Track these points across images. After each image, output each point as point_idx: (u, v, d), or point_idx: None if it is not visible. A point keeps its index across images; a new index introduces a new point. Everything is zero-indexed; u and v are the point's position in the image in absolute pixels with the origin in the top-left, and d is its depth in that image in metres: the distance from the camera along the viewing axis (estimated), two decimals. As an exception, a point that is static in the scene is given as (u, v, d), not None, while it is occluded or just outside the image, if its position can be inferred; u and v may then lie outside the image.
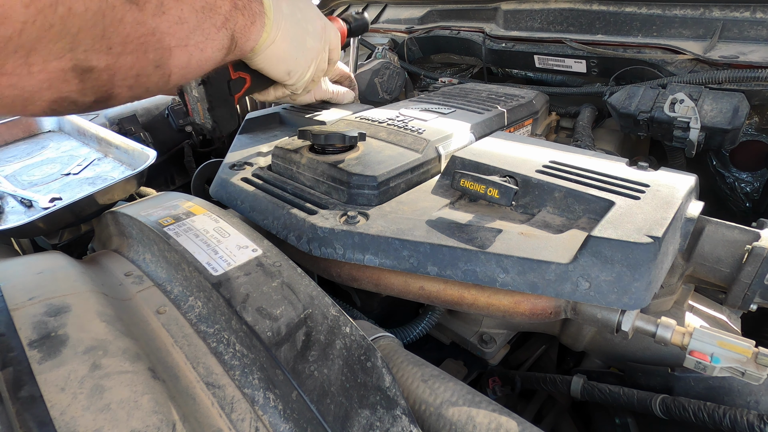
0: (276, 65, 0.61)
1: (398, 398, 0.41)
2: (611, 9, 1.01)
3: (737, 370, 0.44)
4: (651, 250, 0.45)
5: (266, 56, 0.58)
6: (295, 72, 0.65)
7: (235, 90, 0.62)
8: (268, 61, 0.59)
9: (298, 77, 0.66)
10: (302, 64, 0.65)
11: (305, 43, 0.63)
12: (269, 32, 0.55)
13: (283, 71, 0.63)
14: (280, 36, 0.57)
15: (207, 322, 0.48)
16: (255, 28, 0.53)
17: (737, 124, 0.77)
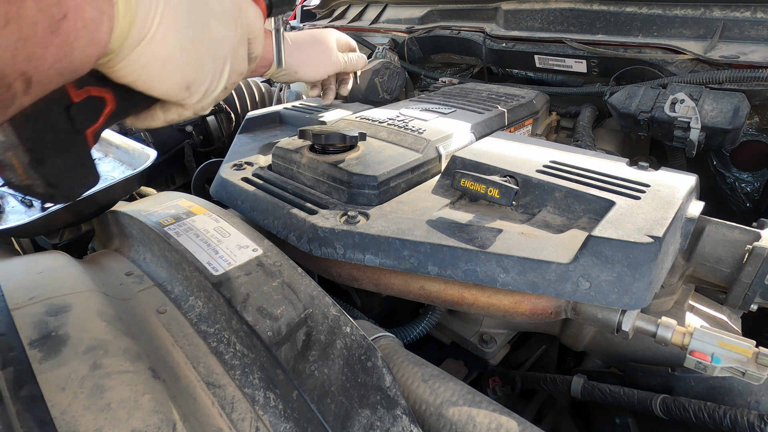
0: (161, 76, 0.34)
1: (398, 398, 0.41)
2: (612, 9, 1.01)
3: (738, 370, 0.44)
4: (651, 250, 0.45)
5: (138, 61, 0.32)
6: (199, 83, 0.37)
7: (85, 121, 0.36)
8: (143, 71, 0.33)
9: (205, 91, 0.39)
10: (208, 67, 0.38)
11: (209, 30, 0.37)
12: (132, 16, 0.29)
13: (176, 85, 0.36)
14: (162, 23, 0.32)
15: (207, 322, 0.48)
16: (92, 11, 0.27)
17: (738, 124, 0.77)
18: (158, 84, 0.35)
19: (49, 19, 0.23)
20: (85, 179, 0.37)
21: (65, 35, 0.25)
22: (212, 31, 0.37)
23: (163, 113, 0.42)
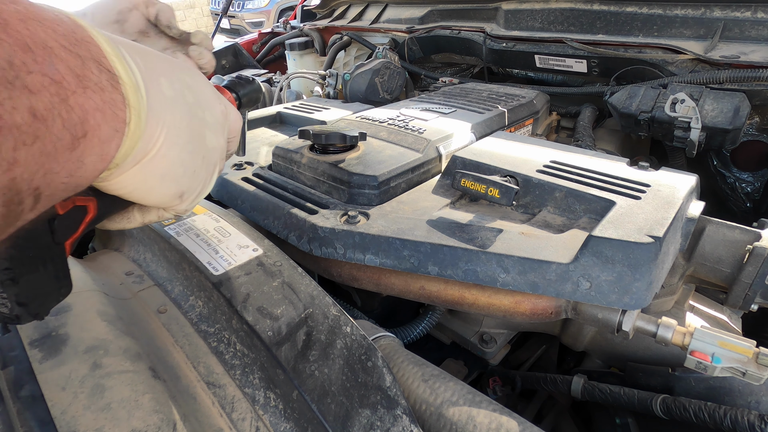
0: (157, 189, 0.34)
1: (399, 398, 0.41)
2: (612, 9, 1.01)
3: (738, 371, 0.44)
4: (652, 250, 0.45)
5: (136, 176, 0.32)
6: (191, 192, 0.37)
7: (66, 232, 0.33)
8: (140, 184, 0.33)
9: (195, 197, 0.39)
10: (202, 176, 0.38)
11: (204, 142, 0.37)
12: (139, 134, 0.29)
13: (170, 195, 0.35)
14: (165, 140, 0.32)
15: (208, 322, 0.48)
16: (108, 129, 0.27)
17: (738, 124, 0.77)
18: (153, 196, 0.34)
19: (71, 137, 0.23)
20: (56, 293, 0.33)
21: (81, 152, 0.25)
22: (207, 142, 0.38)
23: (141, 215, 0.40)
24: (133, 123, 0.28)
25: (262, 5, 6.69)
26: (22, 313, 0.31)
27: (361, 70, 1.12)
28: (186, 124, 0.34)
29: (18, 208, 0.22)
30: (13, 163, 0.20)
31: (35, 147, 0.21)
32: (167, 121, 0.32)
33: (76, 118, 0.23)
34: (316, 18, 1.78)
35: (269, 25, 6.39)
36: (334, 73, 1.21)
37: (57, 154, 0.23)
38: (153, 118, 0.30)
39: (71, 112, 0.23)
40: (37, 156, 0.22)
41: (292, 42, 1.61)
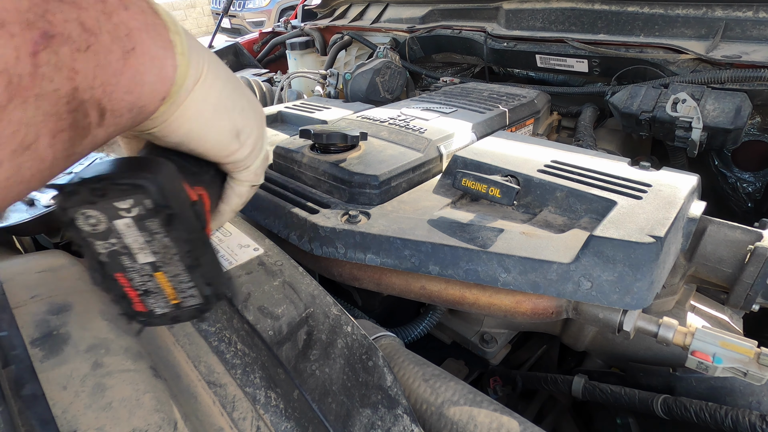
0: (212, 122, 0.34)
1: (400, 397, 0.41)
2: (613, 8, 1.01)
3: (739, 371, 0.44)
4: (653, 249, 0.45)
5: (192, 107, 0.32)
6: (248, 131, 0.37)
7: (203, 219, 0.35)
8: (196, 118, 0.32)
9: (254, 139, 0.38)
10: (252, 117, 0.37)
11: (243, 88, 0.37)
12: (187, 59, 0.30)
13: (226, 131, 0.35)
14: (209, 69, 0.32)
15: (208, 321, 0.48)
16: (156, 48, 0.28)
17: (739, 124, 0.76)
18: (211, 132, 0.34)
19: (121, 50, 0.25)
20: (224, 274, 0.36)
21: (135, 67, 0.26)
22: (246, 90, 0.38)
23: (227, 205, 0.41)
24: (178, 46, 0.29)
25: (263, 5, 6.69)
26: (210, 294, 0.33)
27: (362, 70, 1.12)
28: (219, 64, 0.34)
29: (85, 121, 0.24)
30: (73, 71, 0.22)
31: (89, 56, 0.23)
32: (204, 54, 0.32)
33: (122, 33, 0.25)
34: (316, 17, 1.78)
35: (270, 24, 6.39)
36: (335, 73, 1.21)
37: (110, 66, 0.24)
38: (192, 47, 0.31)
39: (117, 28, 0.25)
40: (93, 66, 0.23)
41: (293, 41, 1.61)
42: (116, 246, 0.30)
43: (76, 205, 0.28)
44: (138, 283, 0.32)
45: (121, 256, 0.30)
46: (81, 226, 0.29)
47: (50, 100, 0.22)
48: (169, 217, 0.29)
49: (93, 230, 0.29)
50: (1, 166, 0.21)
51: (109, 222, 0.29)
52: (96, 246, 0.30)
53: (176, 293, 0.33)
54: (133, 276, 0.32)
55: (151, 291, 0.32)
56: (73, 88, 0.23)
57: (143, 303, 0.33)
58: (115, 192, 0.28)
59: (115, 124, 0.27)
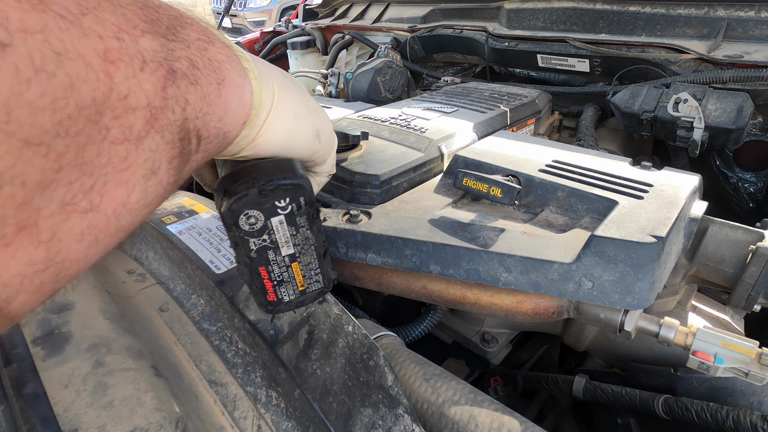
0: (297, 128, 0.37)
1: (400, 397, 0.41)
2: (615, 8, 1.01)
3: (741, 371, 0.44)
4: (654, 249, 0.45)
5: (276, 121, 0.35)
6: (323, 128, 0.41)
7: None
8: (283, 129, 0.35)
9: (328, 136, 0.42)
10: (323, 116, 0.41)
11: (305, 91, 0.41)
12: (259, 82, 0.33)
13: (309, 134, 0.38)
14: (278, 86, 0.35)
15: (210, 320, 0.48)
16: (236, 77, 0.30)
17: (741, 124, 0.76)
18: (298, 137, 0.37)
19: (216, 82, 0.28)
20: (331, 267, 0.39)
21: (225, 97, 0.29)
22: (308, 94, 0.41)
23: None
24: (251, 72, 0.32)
25: (264, 4, 6.68)
26: (332, 278, 0.38)
27: (363, 69, 1.12)
28: (285, 76, 0.38)
29: (189, 147, 0.27)
30: (186, 103, 0.25)
31: (198, 90, 0.26)
32: (271, 72, 0.35)
33: (215, 66, 0.28)
34: (317, 17, 1.78)
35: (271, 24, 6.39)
36: (336, 72, 1.21)
37: (209, 97, 0.27)
38: (262, 71, 0.34)
39: (212, 62, 0.28)
40: (199, 98, 0.26)
41: (294, 41, 1.61)
42: (266, 241, 0.33)
43: (245, 207, 0.31)
44: (276, 274, 0.35)
45: (269, 251, 0.34)
46: (242, 226, 0.31)
47: (171, 129, 0.25)
48: (316, 212, 0.34)
49: (251, 229, 0.32)
50: (134, 191, 0.24)
51: (266, 220, 0.32)
52: (250, 243, 0.32)
53: (305, 280, 0.37)
54: (274, 268, 0.35)
55: (284, 281, 0.36)
56: (185, 118, 0.25)
57: (275, 292, 0.36)
58: (279, 192, 0.31)
59: (207, 150, 0.29)
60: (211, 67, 0.28)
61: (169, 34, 0.25)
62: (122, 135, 0.22)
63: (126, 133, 0.22)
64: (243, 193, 0.30)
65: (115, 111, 0.21)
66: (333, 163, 0.45)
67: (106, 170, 0.22)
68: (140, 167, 0.23)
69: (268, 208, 0.31)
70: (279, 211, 0.32)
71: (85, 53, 0.20)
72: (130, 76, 0.22)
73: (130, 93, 0.22)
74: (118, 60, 0.21)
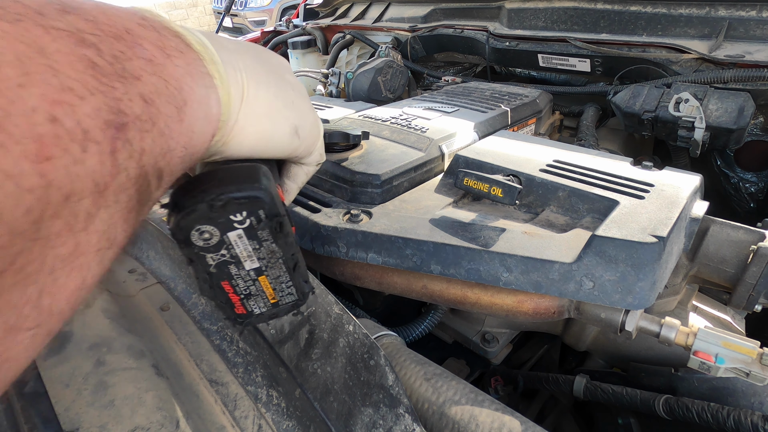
0: (272, 127, 0.34)
1: (401, 396, 0.41)
2: (616, 8, 1.00)
3: (742, 371, 0.44)
4: (655, 249, 0.45)
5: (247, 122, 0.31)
6: (304, 124, 0.37)
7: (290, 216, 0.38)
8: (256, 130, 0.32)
9: (309, 129, 0.38)
10: (303, 107, 0.38)
11: (286, 77, 0.37)
12: (226, 83, 0.29)
13: (286, 132, 0.35)
14: (249, 82, 0.32)
15: (210, 320, 0.48)
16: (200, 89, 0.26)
17: (742, 124, 0.76)
18: (274, 138, 0.34)
19: (177, 110, 0.23)
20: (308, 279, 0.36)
21: (189, 122, 0.24)
22: (288, 78, 0.37)
23: (292, 182, 0.42)
24: (216, 75, 0.28)
25: (265, 4, 6.69)
26: (306, 291, 0.35)
27: (363, 69, 1.12)
28: (259, 64, 0.33)
29: (147, 191, 0.23)
30: (142, 153, 0.21)
31: (155, 131, 0.22)
32: (240, 64, 0.31)
33: (174, 89, 0.23)
34: (318, 16, 1.78)
35: (272, 23, 6.39)
36: (337, 72, 1.21)
37: (171, 131, 0.23)
38: (227, 65, 0.29)
39: (169, 86, 0.23)
40: (158, 139, 0.22)
41: (295, 41, 1.61)
42: (226, 256, 0.30)
43: (194, 224, 0.28)
44: (242, 288, 0.32)
45: (230, 266, 0.31)
46: (195, 242, 0.29)
47: (125, 191, 0.20)
48: (279, 225, 0.30)
49: (205, 244, 0.29)
50: (90, 271, 0.20)
51: (222, 235, 0.29)
52: (207, 259, 0.30)
53: (275, 293, 0.34)
54: (238, 282, 0.32)
55: (253, 294, 0.33)
56: (141, 169, 0.21)
57: (244, 306, 0.34)
58: (232, 206, 0.28)
59: (171, 180, 0.25)
60: (169, 92, 0.23)
61: (114, 75, 0.19)
62: (67, 229, 0.18)
63: (71, 224, 0.18)
64: (191, 209, 0.27)
65: (55, 210, 0.17)
66: (321, 152, 0.42)
67: (53, 272, 0.18)
68: (93, 247, 0.20)
69: (223, 223, 0.28)
70: (236, 225, 0.29)
71: (11, 170, 0.15)
72: (70, 164, 0.17)
73: (72, 184, 0.17)
74: (54, 152, 0.16)
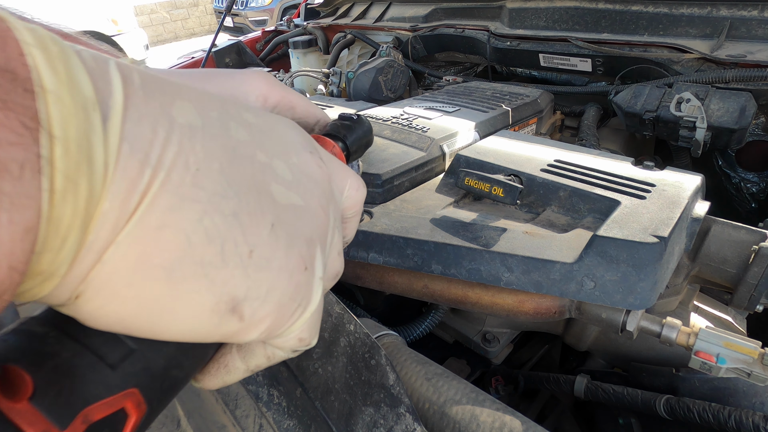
0: (171, 295, 0.17)
1: (402, 396, 0.41)
2: (617, 7, 1.00)
3: (743, 371, 0.44)
4: (657, 249, 0.45)
5: (120, 275, 0.16)
6: (257, 296, 0.19)
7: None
8: (132, 293, 0.17)
9: (271, 309, 0.20)
10: (278, 262, 0.20)
11: (270, 196, 0.20)
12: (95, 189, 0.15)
13: (205, 307, 0.18)
14: (163, 190, 0.16)
15: (211, 319, 0.48)
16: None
17: (744, 124, 0.76)
18: (173, 313, 0.18)
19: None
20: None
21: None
22: (277, 197, 0.20)
23: (243, 361, 0.24)
24: (59, 181, 0.14)
25: (266, 3, 6.69)
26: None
27: (364, 69, 1.12)
28: (221, 161, 0.18)
29: None
30: None
31: None
32: (168, 157, 0.17)
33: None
34: (319, 16, 1.78)
35: (272, 23, 6.40)
36: (338, 72, 1.21)
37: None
38: (131, 150, 0.16)
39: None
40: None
41: (296, 40, 1.61)
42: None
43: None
44: None
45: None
46: None
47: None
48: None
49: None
50: None
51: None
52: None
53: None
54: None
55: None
56: None
57: None
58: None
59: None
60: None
61: None
62: None
63: None
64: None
65: None
66: (307, 335, 0.23)
67: None
68: None
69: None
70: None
71: None
72: None
73: None
74: None
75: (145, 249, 0.16)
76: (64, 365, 0.17)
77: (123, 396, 0.18)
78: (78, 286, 0.16)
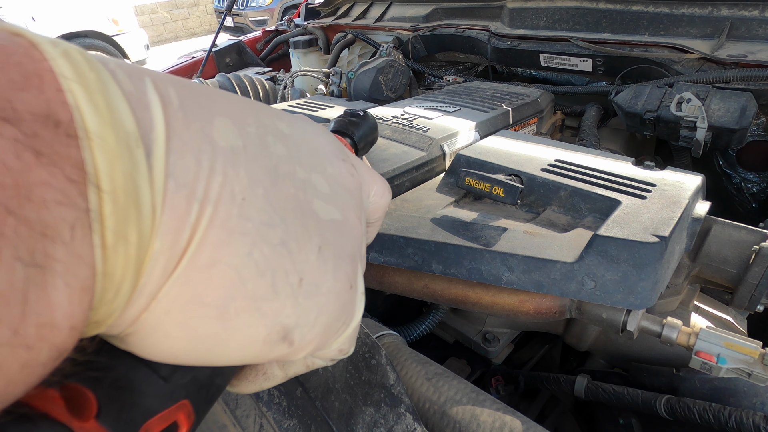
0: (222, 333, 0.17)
1: (402, 396, 0.41)
2: (618, 7, 1.00)
3: (744, 371, 0.44)
4: (657, 249, 0.45)
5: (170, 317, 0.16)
6: (305, 319, 0.19)
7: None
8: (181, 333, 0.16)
9: (320, 332, 0.20)
10: (328, 286, 0.20)
11: (315, 217, 0.19)
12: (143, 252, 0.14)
13: (259, 338, 0.18)
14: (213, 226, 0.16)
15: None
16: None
17: (745, 124, 0.76)
18: (219, 349, 0.18)
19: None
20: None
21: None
22: (320, 216, 0.20)
23: (281, 369, 0.24)
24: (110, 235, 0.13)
25: (266, 3, 6.69)
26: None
27: (365, 69, 1.12)
28: (264, 185, 0.18)
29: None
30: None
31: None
32: (215, 189, 0.16)
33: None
34: (319, 16, 1.78)
35: (273, 23, 6.40)
36: (338, 72, 1.21)
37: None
38: (177, 186, 0.15)
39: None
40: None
41: (296, 40, 1.61)
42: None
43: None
44: None
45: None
46: None
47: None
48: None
49: None
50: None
51: None
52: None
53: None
54: None
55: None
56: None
57: None
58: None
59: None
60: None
61: None
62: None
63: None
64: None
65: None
66: (347, 345, 0.23)
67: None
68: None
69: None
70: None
71: None
72: None
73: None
74: None
75: (196, 288, 0.16)
76: (122, 380, 0.17)
77: (176, 408, 0.19)
78: (128, 327, 0.16)
